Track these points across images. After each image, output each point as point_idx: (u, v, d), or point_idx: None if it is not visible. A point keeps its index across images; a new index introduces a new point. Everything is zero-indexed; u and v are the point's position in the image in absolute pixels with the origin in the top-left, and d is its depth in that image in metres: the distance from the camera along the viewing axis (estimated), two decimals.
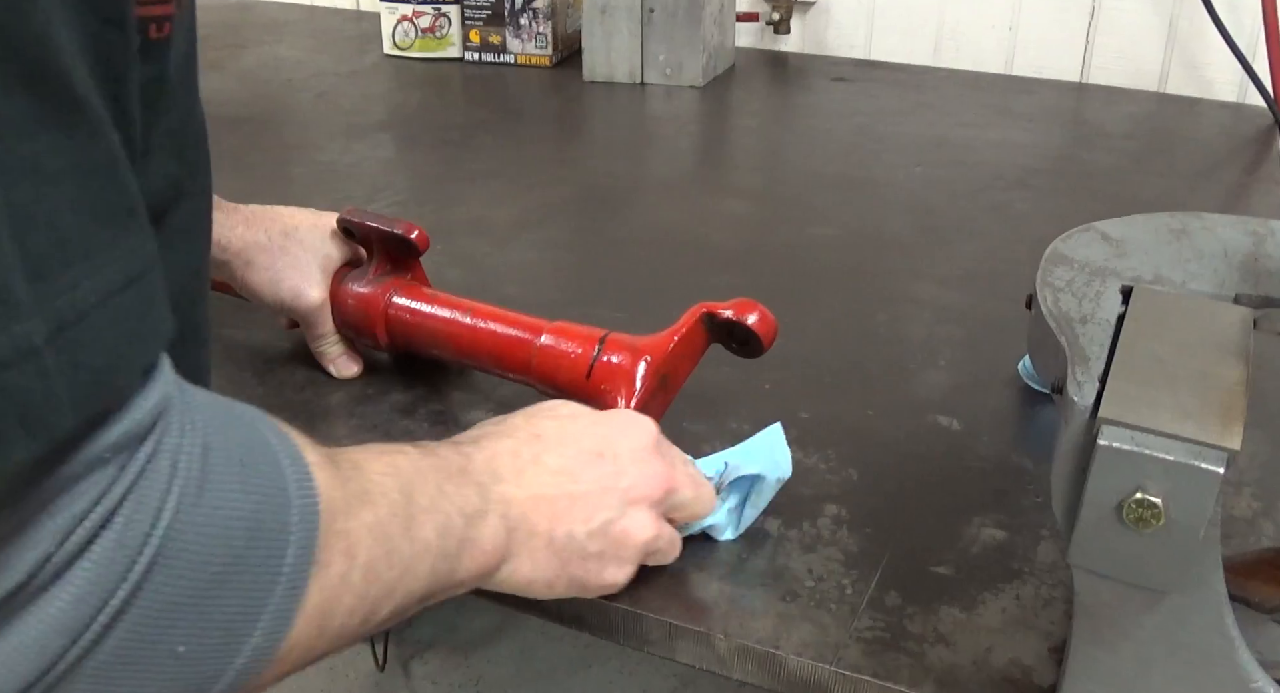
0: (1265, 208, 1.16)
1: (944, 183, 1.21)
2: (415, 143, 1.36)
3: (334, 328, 0.81)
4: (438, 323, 0.77)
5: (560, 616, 0.63)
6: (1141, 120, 1.42)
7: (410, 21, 1.64)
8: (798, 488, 0.70)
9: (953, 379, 0.82)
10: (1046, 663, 0.57)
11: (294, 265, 0.78)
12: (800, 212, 1.14)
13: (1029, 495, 0.69)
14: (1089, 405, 0.45)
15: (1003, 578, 0.62)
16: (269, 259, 0.78)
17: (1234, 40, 1.37)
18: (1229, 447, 0.42)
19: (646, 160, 1.33)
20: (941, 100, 1.48)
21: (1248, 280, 0.55)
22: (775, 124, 1.47)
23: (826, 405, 0.78)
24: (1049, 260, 0.56)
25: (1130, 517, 0.43)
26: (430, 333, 0.77)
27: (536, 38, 1.61)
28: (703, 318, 0.71)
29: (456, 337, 0.76)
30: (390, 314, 0.78)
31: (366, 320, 0.79)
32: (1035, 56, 1.57)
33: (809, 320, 0.91)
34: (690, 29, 1.50)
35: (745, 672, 0.59)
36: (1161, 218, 0.59)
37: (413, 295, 0.79)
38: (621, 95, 1.53)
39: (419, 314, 0.78)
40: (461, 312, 0.77)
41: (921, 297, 0.95)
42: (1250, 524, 0.66)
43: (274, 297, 0.79)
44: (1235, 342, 0.49)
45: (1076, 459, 0.46)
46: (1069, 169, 1.26)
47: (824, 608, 0.60)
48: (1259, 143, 1.34)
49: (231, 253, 0.78)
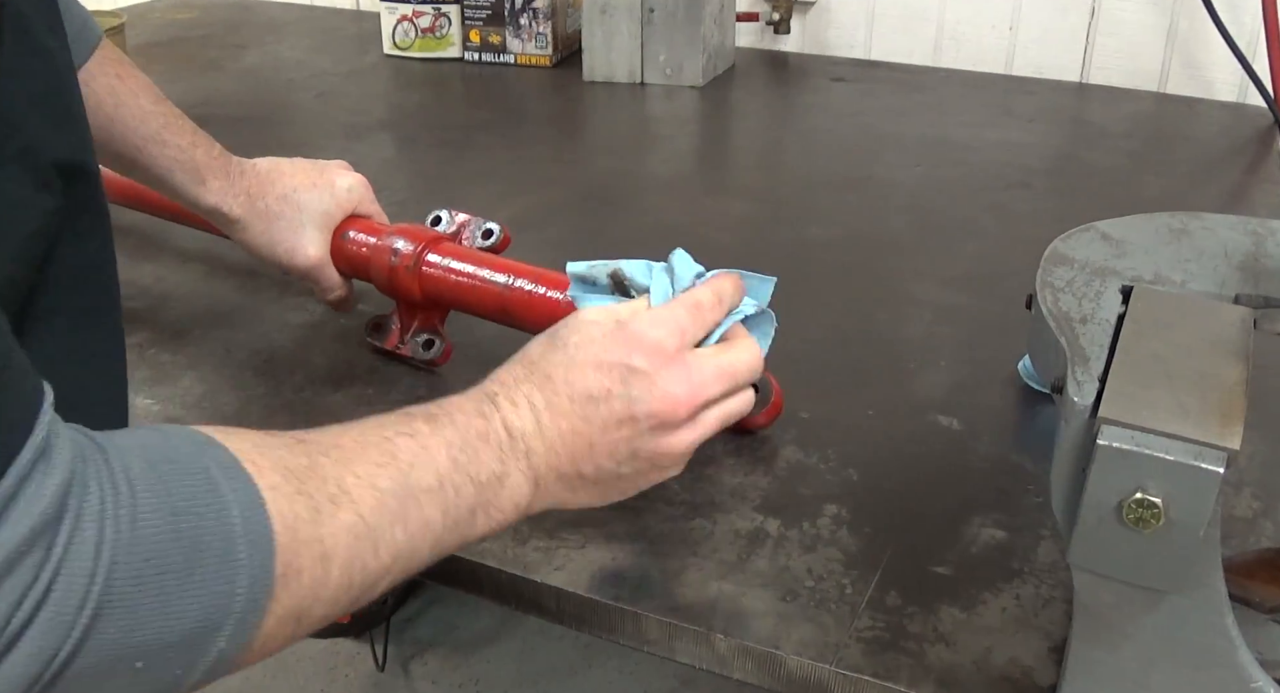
0: (1265, 208, 1.16)
1: (944, 183, 1.21)
2: (415, 143, 1.36)
3: (339, 281, 0.86)
4: (473, 281, 0.80)
5: (560, 616, 0.63)
6: (1141, 120, 1.42)
7: (410, 21, 1.64)
8: (798, 488, 0.70)
9: (953, 379, 0.82)
10: (1046, 663, 0.57)
11: (289, 228, 0.84)
12: (800, 212, 1.14)
13: (1029, 495, 0.69)
14: (1089, 405, 0.45)
15: (1003, 578, 0.62)
16: (265, 224, 0.83)
17: (1234, 40, 1.37)
18: (1229, 447, 0.42)
19: (646, 160, 1.33)
20: (941, 100, 1.48)
21: (1248, 280, 0.55)
22: (775, 124, 1.47)
23: (826, 405, 0.78)
24: (1049, 260, 0.56)
25: (1130, 517, 0.43)
26: (464, 291, 0.80)
27: (536, 38, 1.61)
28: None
29: (490, 295, 0.79)
30: (424, 272, 0.81)
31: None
32: (1035, 56, 1.57)
33: (809, 320, 0.91)
34: (690, 29, 1.50)
35: (745, 672, 0.59)
36: (1161, 218, 0.59)
37: (447, 253, 0.82)
38: (621, 95, 1.53)
39: (453, 271, 0.81)
40: (497, 270, 0.79)
41: (921, 297, 0.95)
42: (1250, 524, 0.66)
43: (272, 258, 0.85)
44: (1235, 342, 0.49)
45: (1076, 459, 0.46)
46: (1069, 169, 1.26)
47: (824, 608, 0.60)
48: (1259, 143, 1.34)
49: (232, 220, 0.83)
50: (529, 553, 0.65)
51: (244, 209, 0.83)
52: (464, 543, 0.53)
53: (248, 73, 1.62)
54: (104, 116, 0.77)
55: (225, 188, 0.82)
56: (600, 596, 0.61)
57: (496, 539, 0.65)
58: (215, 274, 1.00)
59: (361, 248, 0.84)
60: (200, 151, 0.81)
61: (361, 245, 0.84)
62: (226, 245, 1.03)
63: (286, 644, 0.46)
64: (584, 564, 0.64)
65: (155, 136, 0.79)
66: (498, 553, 0.65)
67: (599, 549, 0.65)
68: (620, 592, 0.62)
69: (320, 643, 1.84)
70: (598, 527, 0.67)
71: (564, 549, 0.65)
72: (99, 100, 0.76)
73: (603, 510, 0.68)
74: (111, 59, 0.78)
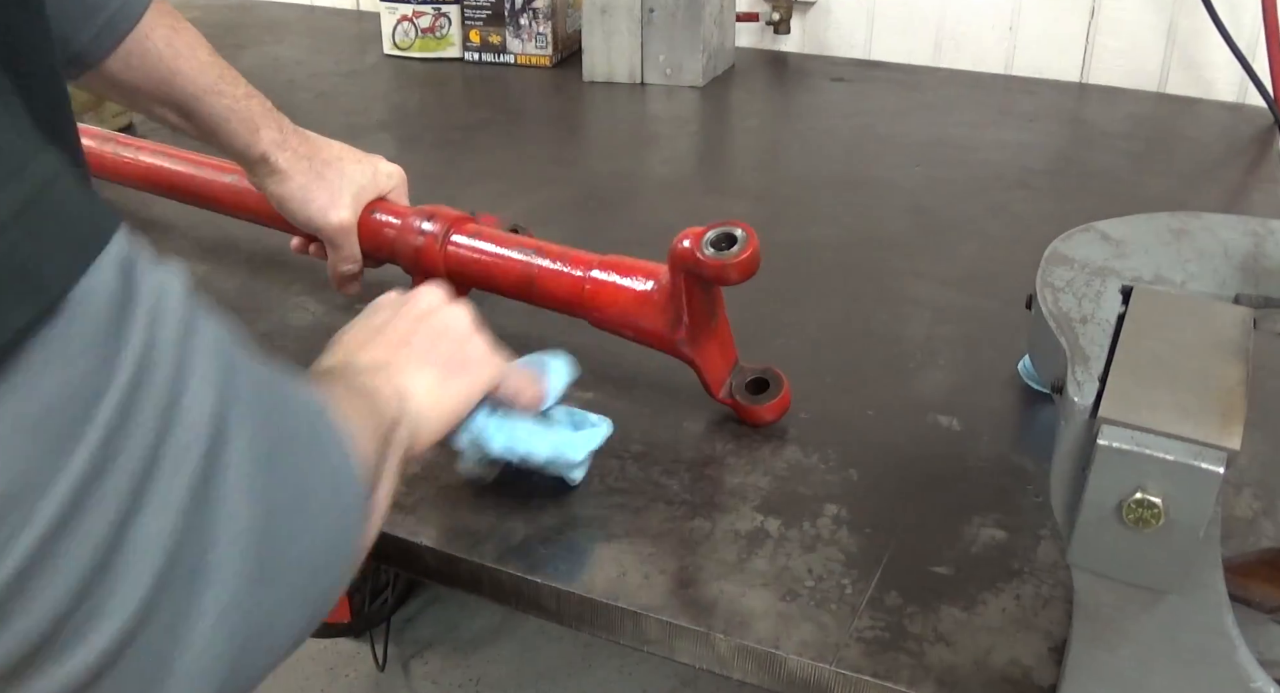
0: (1265, 208, 1.16)
1: (944, 183, 1.21)
2: (415, 143, 1.36)
3: (358, 253, 0.88)
4: (497, 259, 0.82)
5: (560, 616, 0.63)
6: (1141, 120, 1.42)
7: (410, 21, 1.64)
8: (798, 488, 0.70)
9: (953, 379, 0.82)
10: (1046, 663, 0.57)
11: (328, 189, 0.87)
12: (800, 212, 1.14)
13: (1029, 495, 0.69)
14: (1089, 405, 0.45)
15: (1003, 578, 0.62)
16: (306, 179, 0.86)
17: (1234, 40, 1.37)
18: (1229, 447, 0.42)
19: (646, 160, 1.33)
20: (941, 100, 1.48)
21: (1248, 280, 0.55)
22: (775, 124, 1.47)
23: (826, 405, 0.78)
24: (1049, 260, 0.56)
25: (1130, 517, 0.43)
26: (489, 269, 0.83)
27: (536, 38, 1.61)
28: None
29: (514, 273, 0.81)
30: (450, 250, 0.84)
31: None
32: (1035, 56, 1.57)
33: (809, 320, 0.91)
34: (690, 29, 1.50)
35: (745, 672, 0.59)
36: (1161, 218, 0.59)
37: (473, 233, 0.84)
38: (621, 95, 1.53)
39: (478, 251, 0.83)
40: (523, 248, 0.82)
41: (921, 297, 0.95)
42: (1250, 524, 0.66)
43: (304, 212, 0.87)
44: (1235, 342, 0.49)
45: (1076, 459, 0.46)
46: (1069, 169, 1.26)
47: (824, 608, 0.60)
48: (1259, 143, 1.34)
49: (277, 169, 0.85)
50: (529, 553, 0.65)
51: (289, 163, 0.85)
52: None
53: (248, 73, 1.60)
54: (165, 67, 0.80)
55: (277, 140, 0.85)
56: (600, 596, 0.62)
57: (497, 539, 0.65)
58: (216, 276, 1.00)
59: (387, 227, 0.87)
60: (255, 102, 0.85)
61: (388, 224, 0.87)
62: (227, 247, 1.04)
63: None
64: (584, 564, 0.64)
65: (213, 87, 0.82)
66: (498, 553, 0.65)
67: (599, 549, 0.65)
68: (620, 592, 0.62)
69: (320, 643, 1.84)
70: (598, 527, 0.67)
71: (564, 549, 0.65)
72: (158, 52, 0.79)
73: (603, 510, 0.68)
74: (165, 12, 0.80)
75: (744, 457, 0.73)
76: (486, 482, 0.69)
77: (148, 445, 0.32)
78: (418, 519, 0.67)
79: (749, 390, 0.76)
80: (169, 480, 0.33)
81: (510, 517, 0.67)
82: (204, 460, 0.34)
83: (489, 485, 0.69)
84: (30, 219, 0.31)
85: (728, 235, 0.70)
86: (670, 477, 0.71)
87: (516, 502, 0.68)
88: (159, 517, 0.33)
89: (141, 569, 0.32)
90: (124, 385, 0.32)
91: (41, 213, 0.31)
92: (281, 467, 0.38)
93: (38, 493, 0.30)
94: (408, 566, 0.67)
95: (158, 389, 0.33)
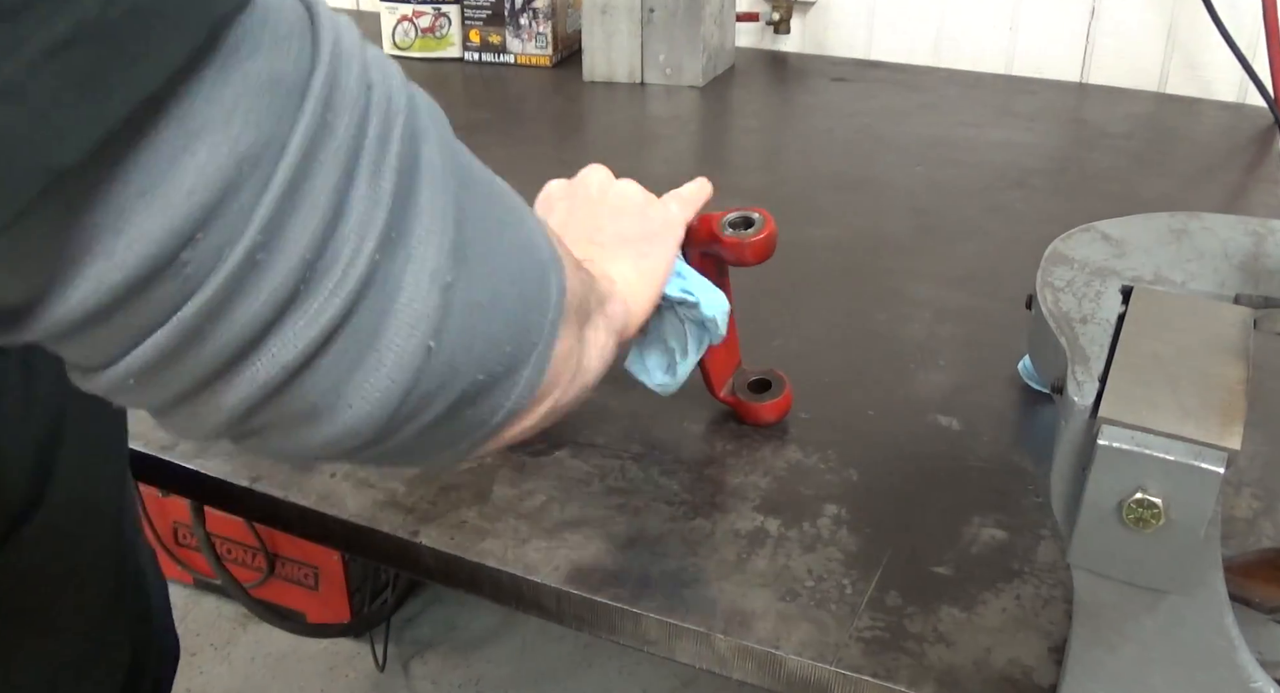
0: (1265, 208, 1.16)
1: (944, 183, 1.21)
2: None
3: None
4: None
5: (560, 616, 0.63)
6: (1141, 120, 1.42)
7: (410, 21, 1.64)
8: (798, 488, 0.70)
9: (953, 379, 0.82)
10: (1046, 663, 0.57)
11: None
12: (800, 212, 1.14)
13: (1029, 495, 0.69)
14: (1089, 405, 0.45)
15: (1003, 578, 0.63)
16: None
17: (1234, 40, 1.37)
18: (1229, 447, 0.42)
19: (646, 160, 1.33)
20: (941, 100, 1.48)
21: (1248, 280, 0.55)
22: (775, 124, 1.47)
23: (826, 405, 0.78)
24: (1049, 260, 0.56)
25: (1130, 517, 0.43)
26: None
27: (536, 37, 1.61)
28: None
29: None
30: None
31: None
32: (1035, 56, 1.57)
33: (809, 321, 0.91)
34: (690, 29, 1.50)
35: (745, 672, 0.59)
36: (1161, 218, 0.59)
37: None
38: (621, 95, 1.53)
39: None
40: None
41: (921, 297, 0.95)
42: (1250, 524, 0.66)
43: None
44: (1235, 342, 0.49)
45: (1076, 459, 0.46)
46: (1069, 169, 1.26)
47: (824, 608, 0.60)
48: (1259, 143, 1.34)
49: None
50: (529, 553, 0.65)
51: None
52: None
53: None
54: None
55: None
56: (600, 596, 0.62)
57: (497, 539, 0.65)
58: None
59: None
60: None
61: None
62: None
63: (544, 422, 0.47)
64: (584, 564, 0.64)
65: None
66: (498, 553, 0.65)
67: (599, 549, 0.65)
68: (620, 592, 0.62)
69: (320, 643, 1.84)
70: (598, 527, 0.67)
71: (564, 549, 0.65)
72: None
73: (603, 510, 0.68)
74: None
75: (744, 457, 0.73)
76: (669, 392, 0.70)
77: (357, 120, 0.34)
78: (418, 519, 0.67)
79: (750, 391, 0.76)
80: (377, 150, 0.35)
81: (511, 517, 0.67)
82: (404, 141, 0.37)
83: (489, 485, 0.69)
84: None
85: (746, 218, 0.73)
86: (670, 477, 0.71)
87: (517, 502, 0.68)
88: (373, 182, 0.35)
89: (364, 231, 0.35)
90: (327, 65, 0.34)
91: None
92: (471, 189, 0.43)
93: (277, 153, 0.32)
94: (408, 566, 0.67)
95: (355, 76, 0.35)
